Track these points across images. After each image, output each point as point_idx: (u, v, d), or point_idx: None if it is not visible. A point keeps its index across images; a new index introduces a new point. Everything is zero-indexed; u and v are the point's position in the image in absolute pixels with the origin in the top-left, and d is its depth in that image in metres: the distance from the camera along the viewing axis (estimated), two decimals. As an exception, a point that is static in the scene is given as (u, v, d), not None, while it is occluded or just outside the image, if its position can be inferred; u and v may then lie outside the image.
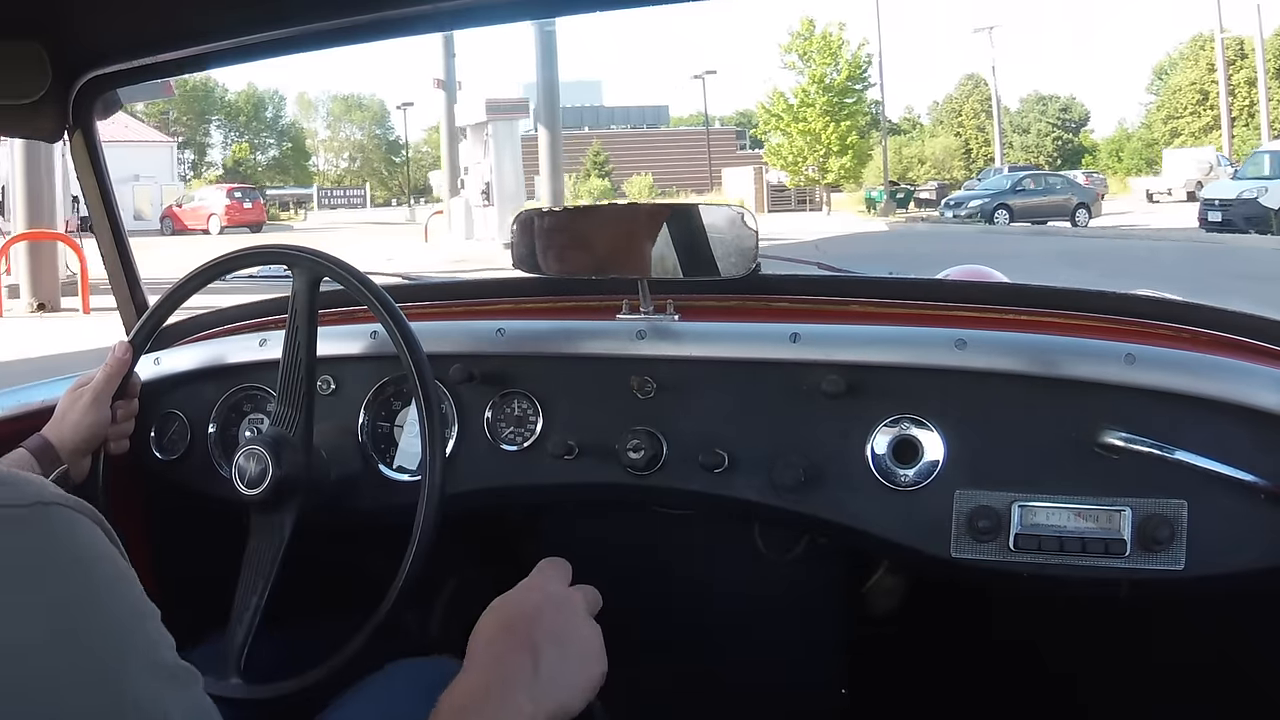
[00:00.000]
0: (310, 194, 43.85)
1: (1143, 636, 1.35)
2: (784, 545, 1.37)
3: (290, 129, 55.29)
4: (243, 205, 29.69)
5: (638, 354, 1.18)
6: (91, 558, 0.51)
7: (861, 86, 31.70)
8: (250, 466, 1.09)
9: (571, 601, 0.76)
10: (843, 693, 1.44)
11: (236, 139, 52.79)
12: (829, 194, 31.53)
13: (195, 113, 51.03)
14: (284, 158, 53.89)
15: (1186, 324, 1.13)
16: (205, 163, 51.63)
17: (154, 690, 0.50)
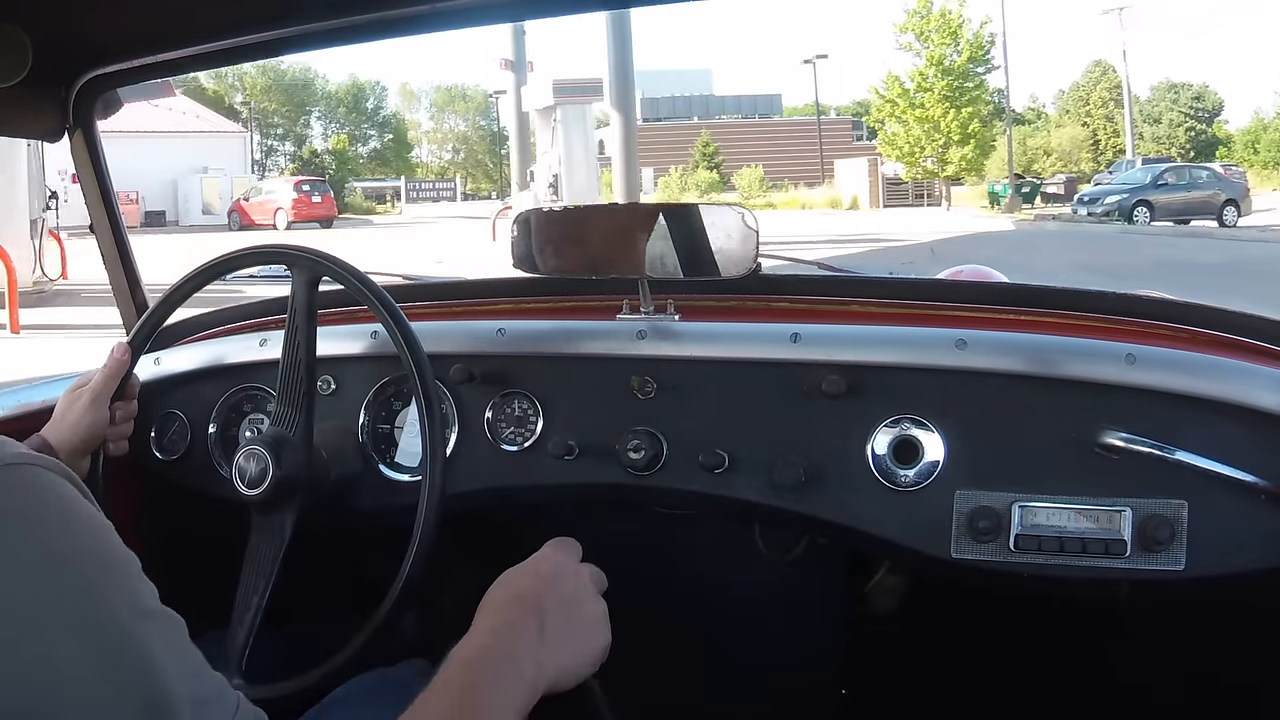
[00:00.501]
0: (398, 186, 42.17)
1: (1143, 636, 1.35)
2: (784, 545, 1.37)
3: (391, 120, 53.73)
4: (311, 199, 28.05)
5: (638, 354, 1.18)
6: (64, 511, 0.52)
7: (984, 70, 28.83)
8: (250, 466, 1.09)
9: (579, 575, 0.79)
10: (843, 693, 1.44)
11: (337, 130, 51.33)
12: (948, 187, 29.00)
13: (294, 104, 49.70)
14: (385, 149, 52.47)
15: (1186, 324, 1.13)
16: (283, 152, 49.83)
17: (135, 629, 0.51)
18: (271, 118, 49.35)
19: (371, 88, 53.01)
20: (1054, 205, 26.35)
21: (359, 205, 38.45)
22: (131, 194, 29.27)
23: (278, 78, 49.15)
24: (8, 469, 0.51)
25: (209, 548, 1.24)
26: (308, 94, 50.67)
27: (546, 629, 0.72)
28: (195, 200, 31.63)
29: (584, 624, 0.76)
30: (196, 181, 31.87)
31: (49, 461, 0.54)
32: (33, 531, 0.50)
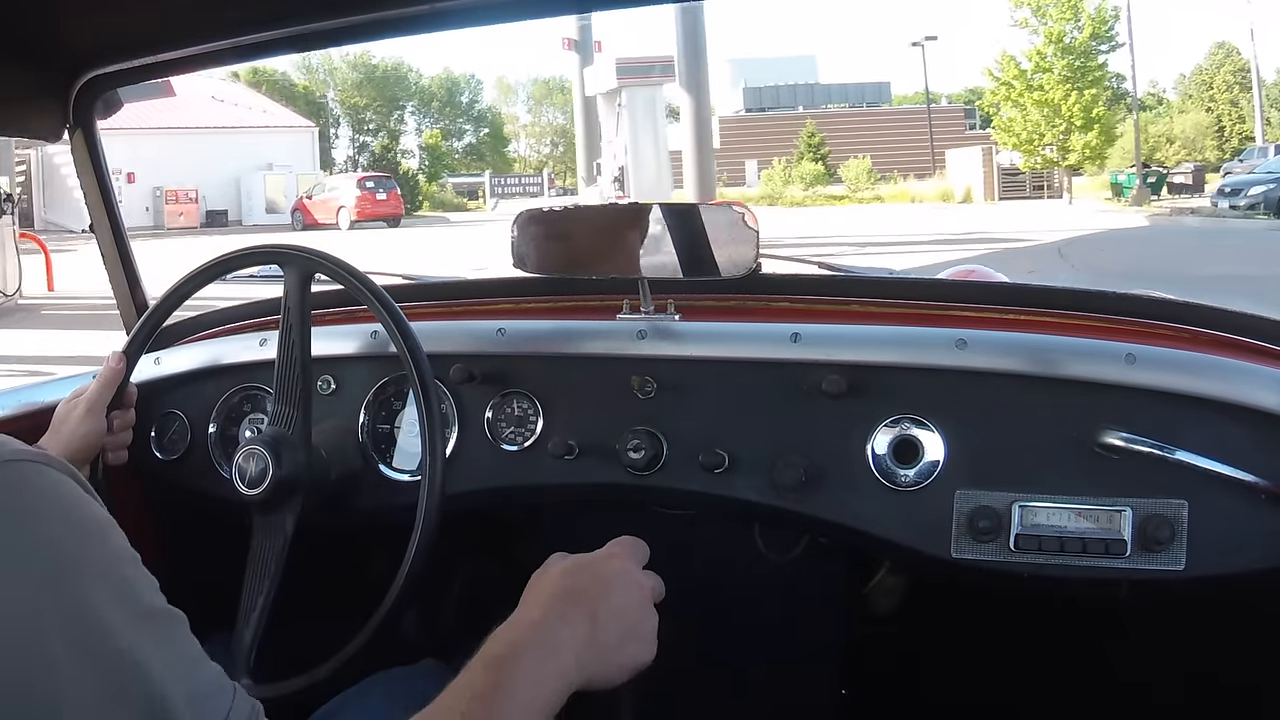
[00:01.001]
0: (482, 182, 39.99)
1: (1144, 636, 1.35)
2: (784, 545, 1.37)
3: (487, 114, 52.32)
4: (375, 196, 26.14)
5: (638, 354, 1.18)
6: (63, 508, 0.52)
7: (1107, 47, 25.32)
8: (250, 466, 1.09)
9: (642, 585, 0.78)
10: (843, 693, 1.44)
11: (431, 125, 49.93)
12: (1069, 178, 25.52)
13: (386, 98, 48.31)
14: (480, 144, 51.39)
15: (1186, 324, 1.13)
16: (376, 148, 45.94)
17: (135, 634, 0.51)
18: (363, 113, 47.99)
19: (466, 81, 51.65)
20: (1183, 197, 23.96)
21: (450, 202, 37.09)
22: (190, 192, 28.80)
23: (368, 73, 47.69)
24: (7, 465, 0.51)
25: (209, 548, 1.24)
26: (400, 88, 49.26)
27: (597, 635, 0.72)
28: (259, 198, 30.15)
29: (633, 639, 0.75)
30: (259, 179, 30.34)
31: (50, 458, 0.54)
32: (31, 528, 0.50)
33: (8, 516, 0.50)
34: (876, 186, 31.90)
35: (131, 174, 27.37)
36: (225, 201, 29.77)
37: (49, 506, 0.52)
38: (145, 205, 28.32)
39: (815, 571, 1.38)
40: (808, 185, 31.92)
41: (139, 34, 1.24)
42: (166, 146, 28.31)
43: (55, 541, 0.51)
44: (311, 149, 33.72)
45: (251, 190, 30.54)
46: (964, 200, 27.50)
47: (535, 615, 0.72)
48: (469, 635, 0.73)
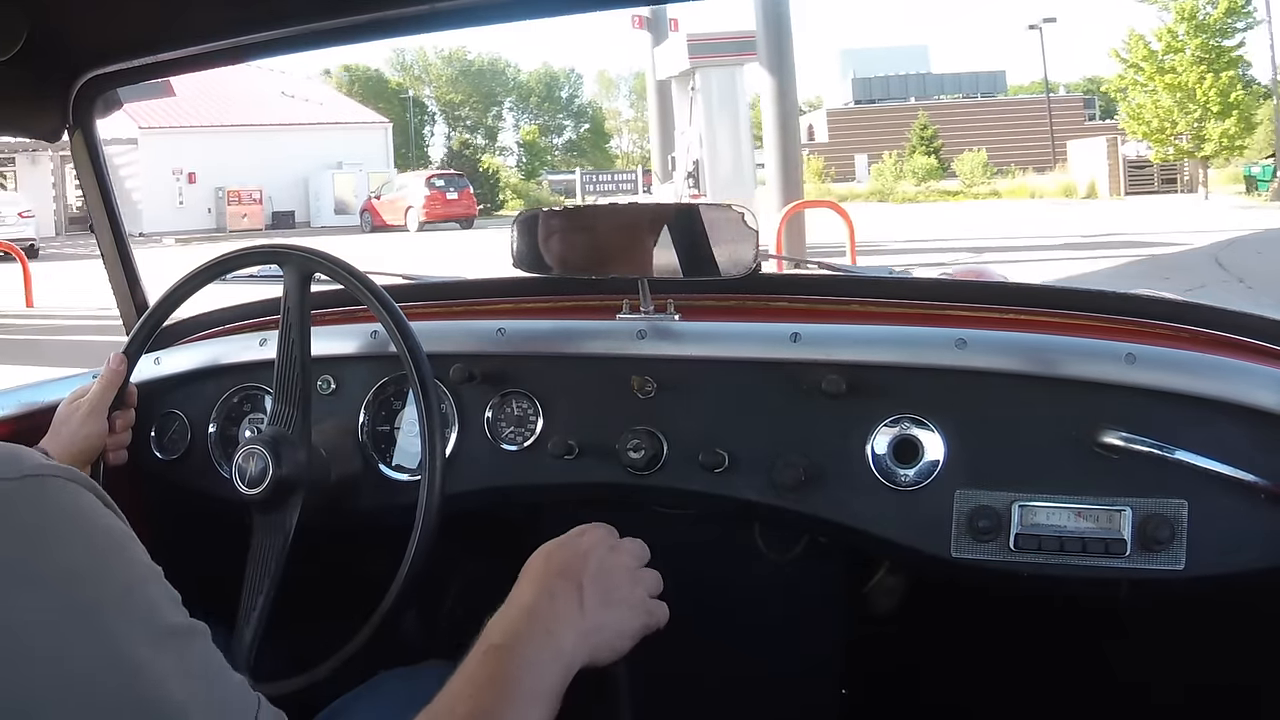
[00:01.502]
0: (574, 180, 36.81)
1: (1143, 636, 1.35)
2: (784, 545, 1.37)
3: (587, 109, 50.13)
4: (445, 196, 24.37)
5: (638, 354, 1.18)
6: (86, 525, 0.52)
7: (1244, 25, 22.63)
8: (250, 466, 1.09)
9: (618, 549, 0.80)
10: (843, 693, 1.44)
11: (529, 121, 47.96)
12: (1205, 171, 23.16)
13: (482, 94, 46.84)
14: (580, 140, 49.27)
15: (1186, 324, 1.13)
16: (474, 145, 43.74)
17: (154, 656, 0.51)
18: (459, 109, 46.73)
19: (566, 76, 49.65)
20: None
21: (547, 200, 32.22)
22: (254, 192, 27.57)
23: (464, 68, 46.36)
24: (30, 480, 0.51)
25: (209, 548, 1.24)
26: (498, 83, 47.77)
27: (586, 604, 0.73)
28: (327, 199, 28.59)
29: (623, 606, 0.76)
30: (328, 178, 28.61)
31: (71, 473, 0.53)
32: (53, 546, 0.50)
33: (31, 534, 0.49)
34: (993, 181, 29.80)
35: (193, 174, 27.15)
36: (292, 202, 28.49)
37: (71, 524, 0.51)
38: (207, 206, 27.53)
39: (815, 571, 1.38)
40: (920, 180, 29.81)
41: (139, 34, 1.24)
42: (230, 145, 27.64)
43: (77, 560, 0.50)
44: (385, 146, 31.93)
45: (320, 190, 28.97)
46: (1087, 195, 25.45)
47: (526, 600, 0.73)
48: (469, 635, 0.73)
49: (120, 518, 0.54)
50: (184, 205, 27.15)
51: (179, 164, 27.20)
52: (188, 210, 27.00)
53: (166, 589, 0.55)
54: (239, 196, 27.36)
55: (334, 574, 1.31)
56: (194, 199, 27.43)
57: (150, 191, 26.31)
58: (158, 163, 26.67)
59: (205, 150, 27.27)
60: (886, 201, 26.80)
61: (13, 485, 0.50)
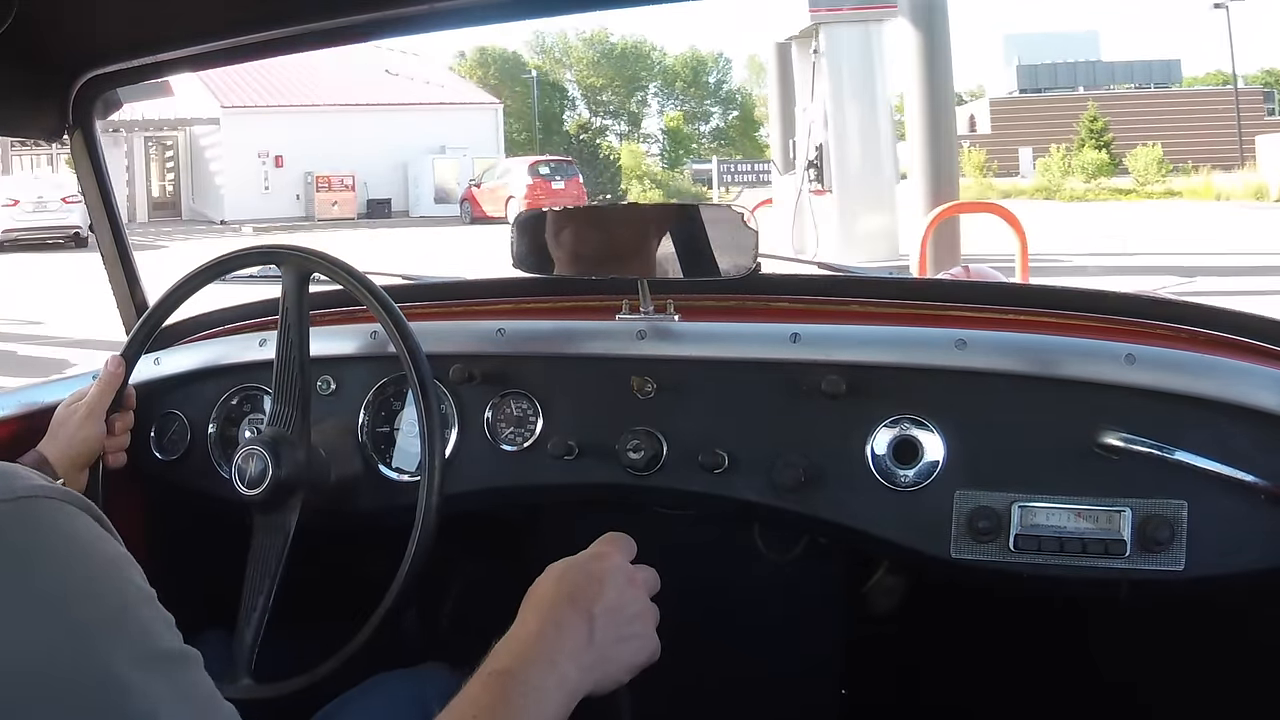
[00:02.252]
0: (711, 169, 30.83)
1: (1143, 637, 1.35)
2: (784, 545, 1.37)
3: (736, 95, 45.53)
4: (550, 185, 21.91)
5: (638, 354, 1.18)
6: (79, 547, 0.51)
7: None
8: (250, 466, 1.10)
9: (634, 581, 0.78)
10: (843, 693, 1.44)
11: (674, 107, 44.57)
12: None
13: (625, 78, 43.63)
14: (728, 128, 44.70)
15: (1186, 324, 1.13)
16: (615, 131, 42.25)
17: (145, 681, 0.50)
18: (600, 94, 43.95)
19: (714, 60, 45.47)
20: None
21: (687, 191, 31.78)
22: (347, 178, 24.82)
23: (606, 51, 43.79)
24: (24, 502, 0.50)
25: (209, 548, 1.24)
26: (642, 67, 44.67)
27: (595, 636, 0.72)
28: (427, 185, 25.55)
29: (632, 639, 0.75)
30: (428, 163, 25.56)
31: (67, 494, 0.53)
32: (46, 570, 0.49)
33: (22, 556, 0.49)
34: (1169, 179, 26.77)
35: (280, 157, 24.88)
36: (389, 189, 25.53)
37: (64, 546, 0.51)
38: (296, 193, 25.01)
39: (815, 571, 1.38)
40: (1089, 177, 27.13)
41: (139, 34, 1.24)
42: (322, 125, 25.13)
43: (69, 582, 0.50)
44: (494, 129, 28.43)
45: (419, 176, 25.88)
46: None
47: (533, 627, 0.71)
48: (469, 635, 0.73)
49: (116, 539, 0.54)
50: (270, 191, 24.84)
51: (265, 146, 24.78)
52: (274, 196, 24.61)
53: (160, 612, 0.54)
54: (329, 182, 24.73)
55: (334, 574, 1.31)
56: (281, 184, 24.87)
57: (233, 175, 24.46)
58: (242, 144, 24.36)
59: (294, 131, 24.63)
60: (1053, 199, 24.11)
61: (6, 507, 0.50)
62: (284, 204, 24.40)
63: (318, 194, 24.68)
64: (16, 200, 17.41)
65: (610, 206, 1.45)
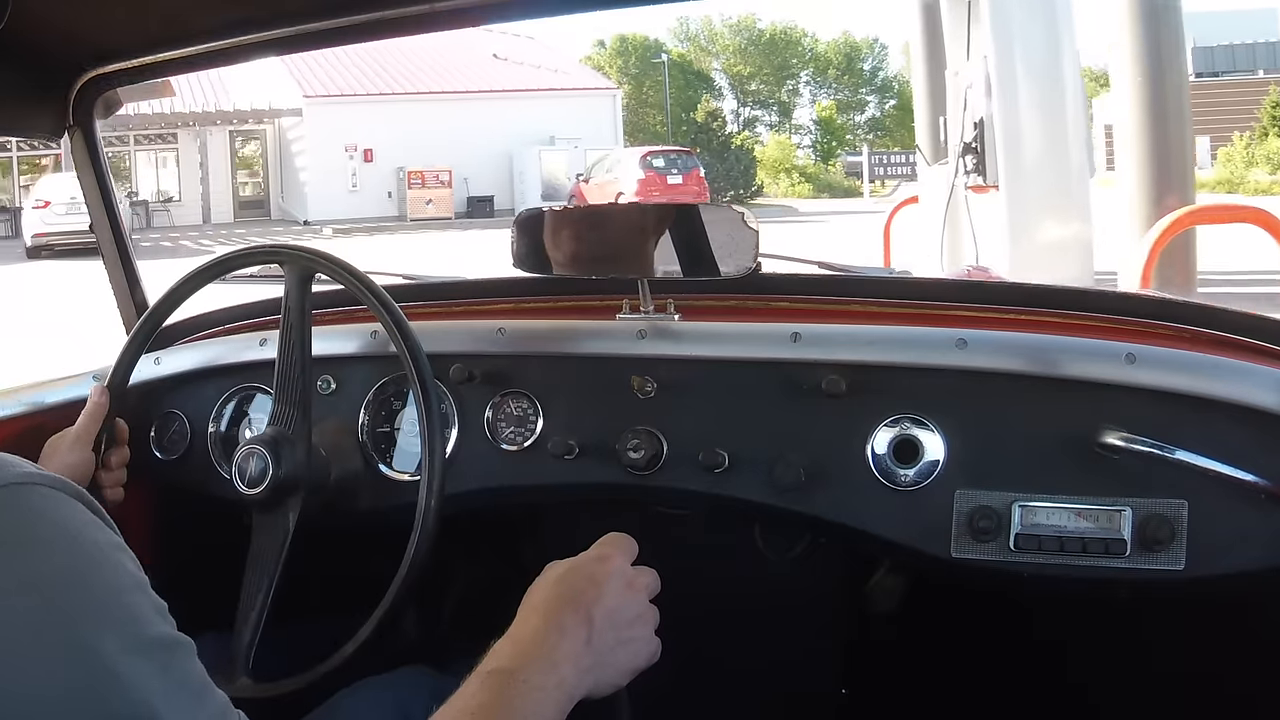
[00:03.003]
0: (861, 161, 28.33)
1: (1143, 636, 1.35)
2: (784, 545, 1.37)
3: (893, 84, 41.74)
4: (665, 179, 19.31)
5: (638, 354, 1.18)
6: (69, 533, 0.51)
7: None
8: (250, 466, 1.10)
9: (633, 583, 0.78)
10: (843, 693, 1.44)
11: (827, 96, 41.48)
12: None
13: (775, 66, 40.51)
14: (885, 118, 41.61)
15: (1186, 324, 1.13)
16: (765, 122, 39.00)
17: (135, 667, 0.51)
18: (749, 83, 40.91)
19: (869, 45, 42.12)
20: None
21: (839, 185, 29.84)
22: (443, 174, 22.39)
23: (754, 37, 40.79)
24: (14, 489, 0.51)
25: (209, 547, 1.24)
26: (793, 54, 41.34)
27: (594, 639, 0.72)
28: (533, 180, 22.90)
29: (631, 642, 0.75)
30: (534, 155, 23.03)
31: (58, 481, 0.53)
32: (35, 556, 0.50)
33: (12, 541, 0.49)
34: None
35: (370, 150, 22.76)
36: (492, 185, 22.89)
37: (54, 532, 0.51)
38: (387, 190, 22.86)
39: (815, 571, 1.38)
40: (1276, 168, 24.21)
41: (139, 34, 1.24)
42: (418, 116, 22.86)
43: (59, 568, 0.50)
44: (612, 117, 25.55)
45: (525, 171, 23.27)
46: None
47: (532, 627, 0.71)
48: (468, 635, 0.73)
49: (110, 526, 0.54)
50: (358, 188, 22.69)
51: (353, 139, 22.58)
52: (363, 194, 22.54)
53: (152, 599, 0.54)
54: (422, 178, 22.37)
55: (334, 574, 1.31)
56: (371, 181, 22.63)
57: (318, 172, 22.42)
58: (327, 137, 22.25)
59: (386, 123, 22.37)
60: (1235, 192, 21.19)
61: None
62: (374, 202, 22.46)
63: (410, 191, 22.46)
64: (47, 202, 15.69)
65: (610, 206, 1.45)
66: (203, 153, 22.95)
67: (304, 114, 22.65)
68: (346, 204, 22.09)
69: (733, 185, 26.16)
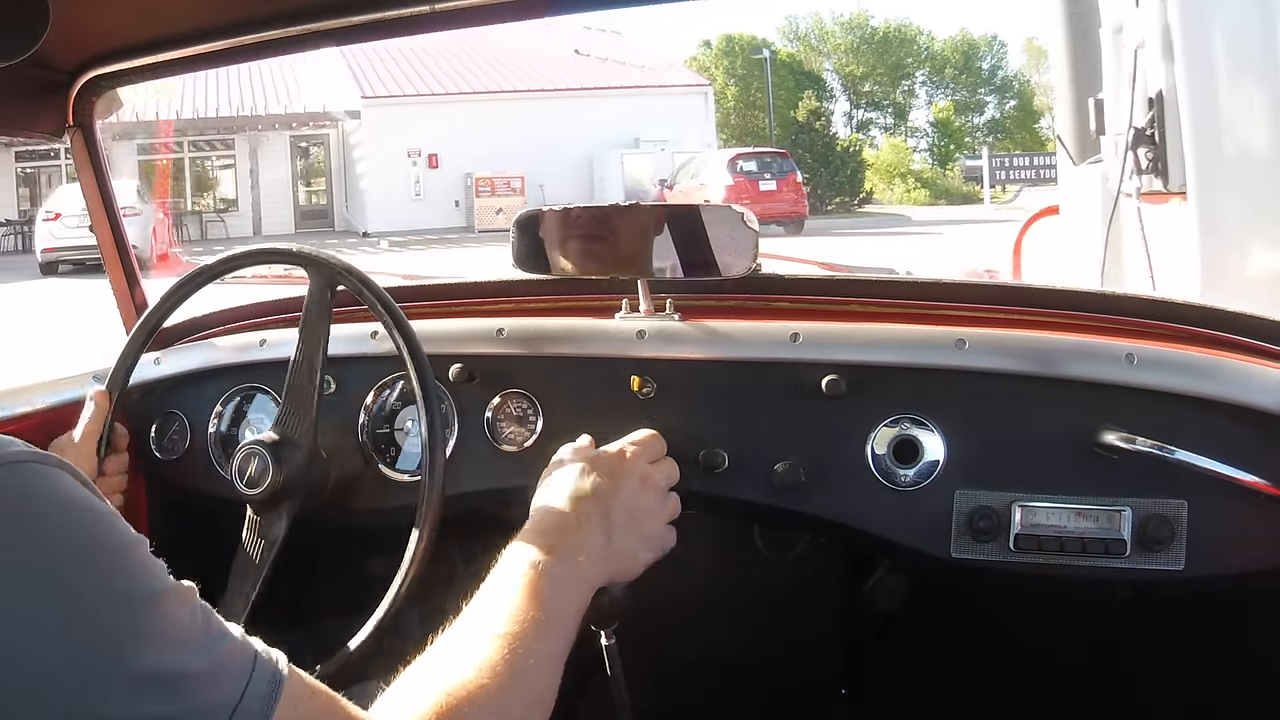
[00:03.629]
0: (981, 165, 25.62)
1: (1143, 636, 1.35)
2: (784, 545, 1.37)
3: (1013, 83, 39.55)
4: (756, 185, 17.06)
5: (638, 354, 1.18)
6: (64, 504, 0.53)
7: None
8: (250, 466, 1.10)
9: (650, 479, 0.84)
10: (843, 693, 1.44)
11: (944, 97, 38.82)
12: None
13: (889, 66, 38.42)
14: (1005, 119, 38.97)
15: (1186, 324, 1.13)
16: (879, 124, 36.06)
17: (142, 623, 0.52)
18: (862, 83, 38.39)
19: (988, 44, 39.38)
20: None
21: (957, 191, 27.81)
22: (514, 180, 20.43)
23: (867, 36, 38.38)
24: (9, 468, 0.52)
25: (209, 547, 1.24)
26: (908, 53, 38.89)
27: (612, 534, 0.77)
28: (614, 185, 20.77)
29: (647, 537, 0.81)
30: (615, 159, 20.95)
31: (49, 458, 0.54)
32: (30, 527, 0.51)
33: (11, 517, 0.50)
34: None
35: (434, 155, 20.90)
36: (571, 191, 19.90)
37: (51, 504, 0.52)
38: (455, 198, 20.86)
39: (815, 571, 1.39)
40: None
41: (139, 34, 1.24)
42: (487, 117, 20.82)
43: (58, 537, 0.51)
44: (703, 116, 23.05)
45: (605, 176, 21.24)
46: None
47: (552, 520, 0.77)
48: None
49: (99, 496, 0.55)
50: (421, 197, 20.81)
51: (416, 143, 20.70)
52: (427, 203, 20.64)
53: (149, 559, 0.55)
54: (491, 185, 20.38)
55: (334, 574, 1.31)
56: (435, 188, 20.66)
57: (378, 179, 20.50)
58: (387, 142, 20.43)
59: (452, 125, 20.40)
60: None
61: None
62: (440, 212, 20.48)
63: (478, 200, 20.35)
64: (58, 214, 14.47)
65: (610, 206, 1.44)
66: (253, 159, 21.27)
67: (362, 116, 20.85)
68: (410, 214, 20.11)
69: (838, 191, 23.70)
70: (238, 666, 0.55)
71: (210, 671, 0.53)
